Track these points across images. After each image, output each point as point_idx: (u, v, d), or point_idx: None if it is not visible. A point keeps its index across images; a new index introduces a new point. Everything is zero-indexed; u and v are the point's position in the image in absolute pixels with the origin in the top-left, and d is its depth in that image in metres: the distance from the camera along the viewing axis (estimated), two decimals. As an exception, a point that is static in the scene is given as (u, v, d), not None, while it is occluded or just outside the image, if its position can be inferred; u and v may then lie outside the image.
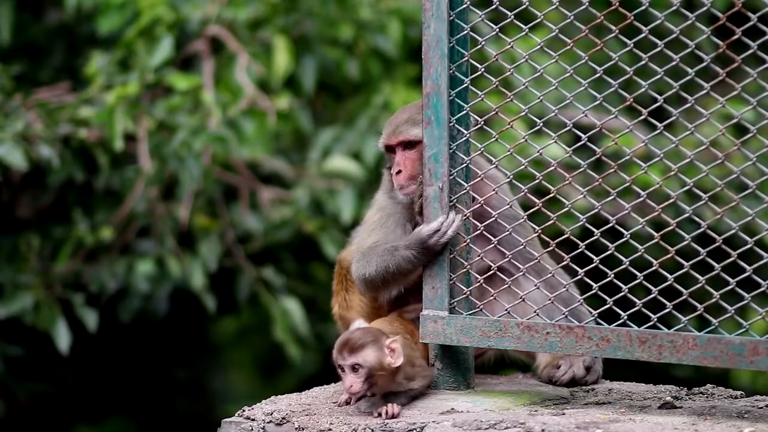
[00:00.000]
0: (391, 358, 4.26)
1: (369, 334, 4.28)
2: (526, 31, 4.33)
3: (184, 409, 9.98)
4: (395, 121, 4.65)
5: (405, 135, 4.61)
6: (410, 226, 4.62)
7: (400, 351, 4.28)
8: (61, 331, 7.38)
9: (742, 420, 4.09)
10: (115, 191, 7.65)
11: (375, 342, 4.25)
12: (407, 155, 4.63)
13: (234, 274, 7.83)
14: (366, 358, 4.23)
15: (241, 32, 7.79)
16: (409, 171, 4.61)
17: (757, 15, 3.98)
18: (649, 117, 4.19)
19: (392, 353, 4.27)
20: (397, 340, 4.29)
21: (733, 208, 4.16)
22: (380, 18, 7.85)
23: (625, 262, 4.18)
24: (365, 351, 4.24)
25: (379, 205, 4.73)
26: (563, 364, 4.64)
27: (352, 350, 4.24)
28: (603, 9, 4.17)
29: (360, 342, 4.25)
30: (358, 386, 4.24)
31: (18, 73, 7.75)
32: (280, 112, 7.53)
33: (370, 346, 4.24)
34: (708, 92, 4.04)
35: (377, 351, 4.24)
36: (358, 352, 4.23)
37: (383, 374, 4.26)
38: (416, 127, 4.58)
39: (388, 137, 4.66)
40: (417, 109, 4.64)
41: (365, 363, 4.23)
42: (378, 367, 4.24)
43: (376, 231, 4.66)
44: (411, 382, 4.35)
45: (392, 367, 4.27)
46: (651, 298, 4.16)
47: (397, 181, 4.61)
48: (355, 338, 4.26)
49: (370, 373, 4.23)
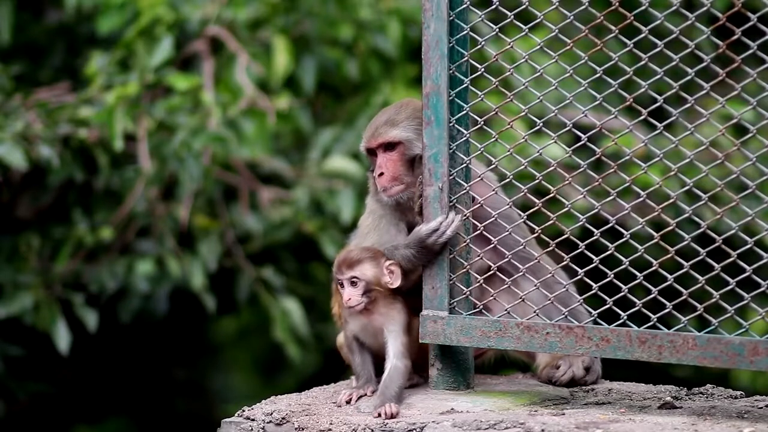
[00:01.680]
0: (389, 278, 4.38)
1: (368, 251, 4.43)
2: (526, 31, 4.33)
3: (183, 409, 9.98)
4: (374, 124, 4.65)
5: (384, 137, 4.61)
6: (403, 224, 4.63)
7: (399, 274, 4.39)
8: (61, 331, 7.38)
9: (742, 420, 4.09)
10: (115, 191, 7.65)
11: (373, 259, 4.40)
12: (388, 157, 4.62)
13: (234, 274, 7.83)
14: (364, 271, 4.37)
15: (241, 32, 7.79)
16: (391, 172, 4.61)
17: (757, 15, 3.98)
18: (649, 117, 4.19)
19: (391, 274, 4.39)
20: (396, 263, 4.40)
21: (733, 209, 4.16)
22: (380, 18, 7.85)
23: (625, 262, 4.18)
24: (363, 265, 4.38)
25: (369, 210, 4.74)
26: (563, 364, 4.64)
27: (350, 265, 4.38)
28: (603, 9, 4.17)
29: (358, 257, 4.39)
30: (357, 299, 4.36)
31: (18, 73, 7.75)
32: (279, 112, 7.52)
33: (369, 262, 4.39)
34: (708, 92, 4.04)
35: (375, 267, 4.38)
36: (356, 266, 4.37)
37: (380, 292, 4.38)
38: (395, 128, 4.59)
39: (368, 140, 4.65)
40: (396, 109, 4.65)
41: (363, 276, 4.36)
42: (375, 283, 4.37)
43: (371, 234, 4.67)
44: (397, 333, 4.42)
45: (390, 286, 4.38)
46: (651, 298, 4.16)
47: (380, 183, 4.61)
48: (354, 254, 4.41)
49: (368, 287, 4.36)
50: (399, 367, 4.38)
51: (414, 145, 4.58)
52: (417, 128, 4.56)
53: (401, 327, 4.42)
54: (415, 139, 4.57)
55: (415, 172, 4.58)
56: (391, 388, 4.33)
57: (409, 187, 4.60)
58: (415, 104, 4.65)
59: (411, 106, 4.66)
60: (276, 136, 7.89)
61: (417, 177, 4.56)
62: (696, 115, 4.13)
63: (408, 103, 4.69)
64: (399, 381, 4.36)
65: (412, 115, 4.60)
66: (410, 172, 4.60)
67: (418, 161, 4.57)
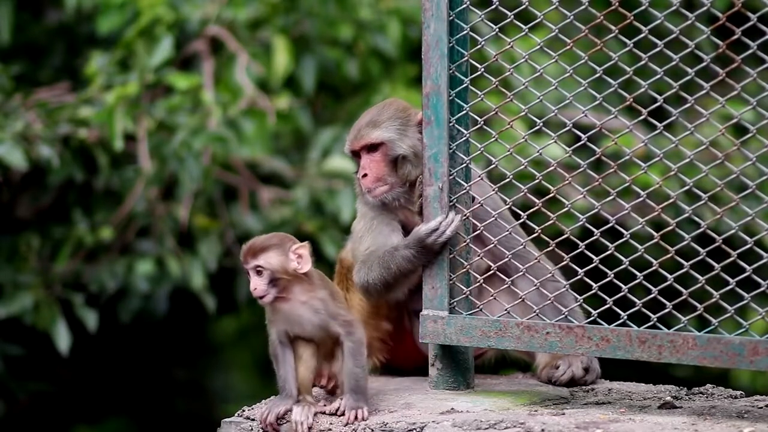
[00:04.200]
0: (297, 263, 4.23)
1: (274, 238, 4.25)
2: (525, 31, 4.33)
3: (183, 409, 9.98)
4: (357, 126, 4.65)
5: (366, 139, 4.61)
6: (396, 223, 4.63)
7: (308, 257, 4.23)
8: (60, 331, 7.38)
9: (742, 420, 4.09)
10: (115, 191, 7.65)
11: (279, 246, 4.22)
12: (371, 158, 4.62)
13: (234, 274, 7.83)
14: (268, 260, 4.20)
15: (241, 32, 7.79)
16: (375, 173, 4.61)
17: (757, 15, 3.98)
18: (649, 117, 4.19)
19: (299, 259, 4.23)
20: (305, 245, 4.25)
21: (733, 209, 4.16)
22: (380, 18, 7.85)
23: (625, 262, 4.18)
24: (267, 254, 4.20)
25: (360, 213, 4.74)
26: (562, 364, 4.64)
27: (254, 253, 4.21)
28: (603, 9, 4.17)
29: (262, 245, 4.22)
30: (262, 289, 4.20)
31: (18, 73, 7.75)
32: (279, 112, 7.53)
33: (273, 249, 4.21)
34: (708, 92, 4.04)
35: (280, 255, 4.21)
36: (259, 255, 4.20)
37: (289, 279, 4.21)
38: (377, 129, 4.59)
39: (351, 143, 4.65)
40: (378, 110, 4.65)
41: (267, 265, 4.20)
42: (281, 271, 4.21)
43: (365, 237, 4.66)
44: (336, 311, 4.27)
45: (298, 272, 4.22)
46: (651, 298, 4.16)
47: (364, 185, 4.61)
48: (258, 242, 4.24)
49: (273, 276, 4.20)
50: (350, 347, 4.24)
51: (396, 145, 4.58)
52: (399, 128, 4.57)
53: (330, 310, 4.26)
54: (398, 139, 4.58)
55: (399, 172, 4.59)
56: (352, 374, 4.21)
57: (393, 188, 4.60)
58: (397, 104, 4.66)
59: (393, 106, 4.66)
60: (276, 136, 7.89)
61: (401, 177, 4.56)
62: (696, 115, 4.13)
63: (390, 104, 4.69)
64: (357, 362, 4.23)
65: (394, 116, 4.60)
66: (394, 172, 4.60)
67: (401, 161, 4.58)
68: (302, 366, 4.29)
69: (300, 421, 4.23)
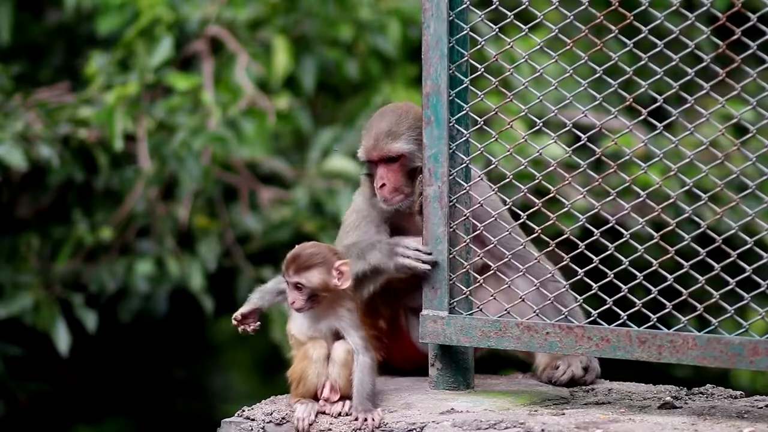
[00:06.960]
0: (338, 280, 4.27)
1: (318, 256, 4.26)
2: (525, 31, 4.33)
3: (183, 409, 9.98)
4: (374, 134, 4.60)
5: (386, 150, 4.58)
6: (385, 226, 4.63)
7: (349, 274, 4.28)
8: (60, 332, 7.38)
9: (742, 420, 4.09)
10: (115, 191, 7.66)
11: (323, 264, 4.25)
12: (389, 168, 4.61)
13: (233, 275, 7.83)
14: (310, 279, 4.24)
15: (241, 32, 7.80)
16: (393, 184, 4.60)
17: (757, 15, 3.98)
18: (649, 117, 4.19)
19: (340, 276, 4.27)
20: (348, 262, 4.29)
21: (733, 208, 4.16)
22: (380, 18, 7.85)
23: (624, 262, 4.18)
24: (309, 273, 4.24)
25: (355, 207, 4.74)
26: (561, 364, 4.64)
27: (297, 270, 4.24)
28: (603, 9, 4.17)
29: (306, 264, 4.25)
30: (300, 303, 4.25)
31: (18, 73, 7.75)
32: (279, 112, 7.53)
33: (317, 268, 4.24)
34: (708, 92, 4.04)
35: (324, 273, 4.25)
36: (302, 273, 4.24)
37: (327, 295, 4.27)
38: (398, 141, 4.57)
39: (368, 152, 4.62)
40: (396, 118, 4.61)
41: (309, 284, 4.23)
42: (322, 289, 4.25)
43: (351, 233, 4.67)
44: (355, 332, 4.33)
45: (338, 289, 4.27)
46: (651, 298, 4.16)
47: (381, 194, 4.60)
48: (303, 258, 4.26)
49: (313, 293, 4.25)
50: (367, 362, 4.30)
51: (416, 156, 4.56)
52: (418, 138, 4.54)
53: (354, 323, 4.32)
54: (417, 151, 4.55)
55: (414, 181, 4.58)
56: (366, 386, 4.27)
57: (408, 197, 4.60)
58: (416, 111, 4.61)
59: (411, 114, 4.61)
60: (276, 136, 7.89)
61: (416, 186, 4.56)
62: (696, 115, 4.13)
63: (407, 111, 4.64)
64: (370, 377, 4.29)
65: (413, 125, 4.57)
66: (410, 182, 4.60)
67: (418, 171, 4.56)
68: (311, 368, 4.31)
69: (301, 417, 4.24)
